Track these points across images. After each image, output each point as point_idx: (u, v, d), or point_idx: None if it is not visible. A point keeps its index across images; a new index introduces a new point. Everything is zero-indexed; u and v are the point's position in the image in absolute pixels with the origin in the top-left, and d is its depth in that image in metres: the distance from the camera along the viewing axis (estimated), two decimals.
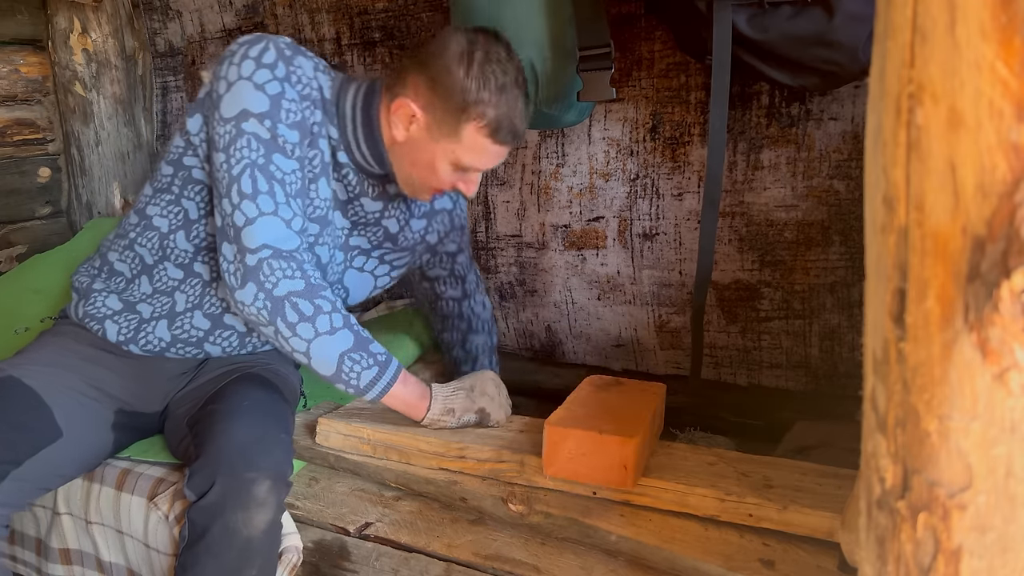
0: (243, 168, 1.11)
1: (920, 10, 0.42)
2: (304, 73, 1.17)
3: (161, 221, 1.24)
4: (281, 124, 1.13)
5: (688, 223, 1.59)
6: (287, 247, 1.11)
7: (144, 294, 1.25)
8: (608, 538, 1.06)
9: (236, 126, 1.11)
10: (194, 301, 1.25)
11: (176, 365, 1.29)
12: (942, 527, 0.47)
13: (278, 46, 1.15)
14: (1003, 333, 0.41)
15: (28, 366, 1.19)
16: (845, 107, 1.40)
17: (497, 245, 1.82)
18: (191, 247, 1.23)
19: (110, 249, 1.30)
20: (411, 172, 1.23)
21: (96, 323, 1.25)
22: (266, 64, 1.13)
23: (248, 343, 1.31)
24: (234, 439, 1.07)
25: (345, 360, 1.12)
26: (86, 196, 2.13)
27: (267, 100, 1.12)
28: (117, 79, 2.10)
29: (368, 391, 1.15)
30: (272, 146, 1.12)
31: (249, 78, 1.12)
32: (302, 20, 1.91)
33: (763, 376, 1.62)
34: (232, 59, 1.14)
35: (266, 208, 1.11)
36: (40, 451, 1.11)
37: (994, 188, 0.41)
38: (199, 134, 1.19)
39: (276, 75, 1.13)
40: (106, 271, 1.29)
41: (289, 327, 1.10)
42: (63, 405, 1.16)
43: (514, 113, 1.16)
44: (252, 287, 1.10)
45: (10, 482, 1.06)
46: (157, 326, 1.25)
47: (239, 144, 1.11)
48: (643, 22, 1.54)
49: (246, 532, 1.03)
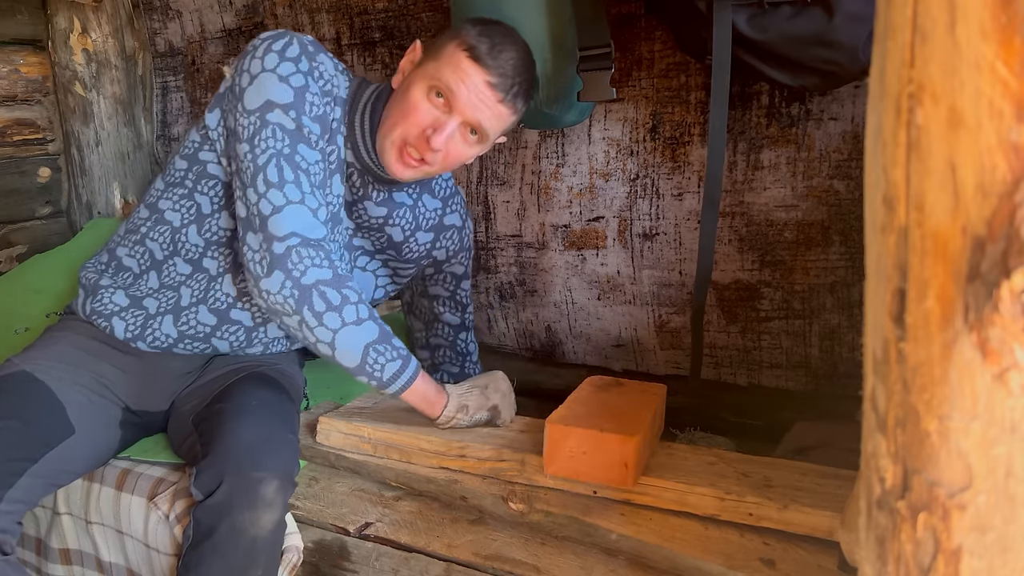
0: (269, 157, 1.11)
1: (920, 10, 0.42)
2: (326, 70, 1.18)
3: (173, 215, 1.24)
4: (305, 116, 1.14)
5: (688, 223, 1.59)
6: (315, 236, 1.11)
7: (151, 288, 1.26)
8: (608, 537, 1.06)
9: (261, 117, 1.12)
10: (199, 296, 1.25)
11: (183, 363, 1.29)
12: (942, 527, 0.47)
13: (302, 42, 1.16)
14: (1003, 333, 0.41)
15: (40, 361, 1.19)
16: (845, 107, 1.40)
17: (497, 245, 1.82)
18: (202, 241, 1.23)
19: (119, 244, 1.30)
20: (387, 121, 1.18)
21: (103, 320, 1.25)
22: (290, 58, 1.14)
23: (255, 340, 1.30)
24: (242, 439, 1.07)
25: (370, 352, 1.12)
26: (86, 196, 2.13)
27: (291, 92, 1.13)
28: (117, 79, 2.10)
29: (391, 384, 1.14)
30: (297, 136, 1.13)
31: (273, 70, 1.13)
32: (302, 20, 1.91)
33: (763, 376, 1.62)
34: (255, 53, 1.15)
35: (293, 197, 1.11)
36: (54, 448, 1.11)
37: (994, 188, 0.41)
38: (217, 128, 1.20)
39: (300, 68, 1.14)
40: (114, 266, 1.29)
41: (316, 316, 1.10)
42: (75, 402, 1.17)
43: (498, 47, 1.14)
44: (279, 275, 1.09)
45: (27, 478, 1.07)
46: (163, 321, 1.25)
47: (264, 134, 1.12)
48: (643, 22, 1.54)
49: (253, 532, 1.03)
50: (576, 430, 1.10)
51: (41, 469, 1.09)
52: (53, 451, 1.11)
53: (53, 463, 1.11)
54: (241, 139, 1.14)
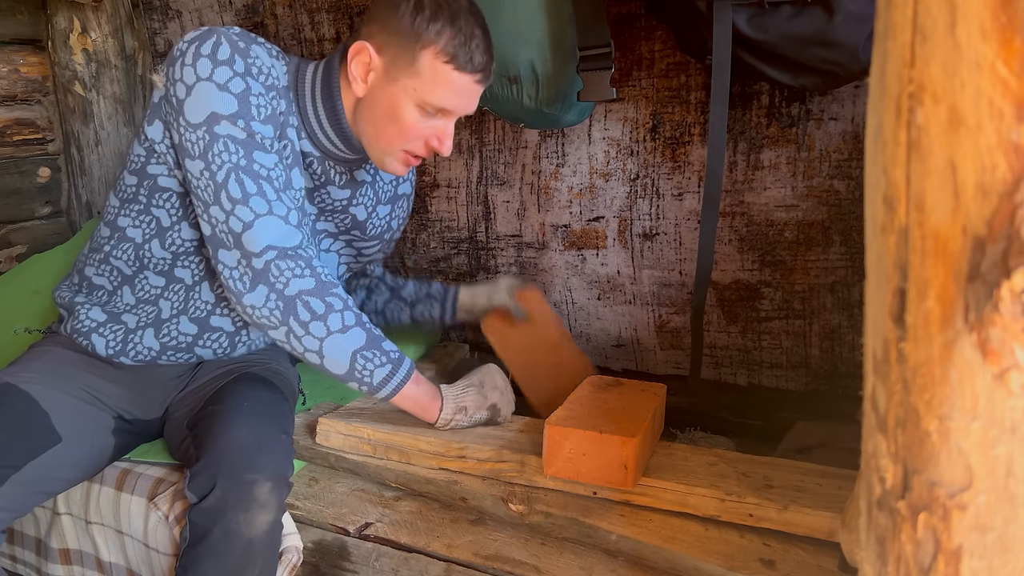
0: (227, 173, 1.08)
1: (920, 10, 0.42)
2: (263, 63, 1.13)
3: (135, 232, 1.21)
4: (254, 121, 1.10)
5: (688, 223, 1.59)
6: (290, 244, 1.10)
7: (128, 304, 1.24)
8: (608, 538, 1.06)
9: (208, 131, 1.08)
10: (179, 307, 1.23)
11: (170, 370, 1.29)
12: (942, 527, 0.47)
13: (230, 38, 1.10)
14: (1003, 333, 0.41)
15: (23, 373, 1.18)
16: (845, 107, 1.40)
17: (497, 245, 1.82)
18: (168, 254, 1.21)
19: (86, 264, 1.28)
20: (377, 134, 1.16)
21: (83, 338, 1.23)
22: (223, 61, 1.08)
23: (239, 343, 1.30)
24: (234, 441, 1.07)
25: (358, 358, 1.11)
26: (86, 196, 2.13)
27: (234, 100, 1.08)
28: (117, 79, 2.10)
29: (380, 389, 1.14)
30: (251, 144, 1.09)
31: (209, 78, 1.07)
32: (302, 20, 1.91)
33: (763, 376, 1.62)
34: (184, 59, 1.09)
35: (260, 209, 1.09)
36: (39, 456, 1.10)
37: (994, 188, 0.41)
38: (163, 142, 1.15)
39: (236, 71, 1.08)
40: (85, 286, 1.27)
41: (302, 326, 1.09)
42: (61, 411, 1.15)
43: (471, 38, 1.10)
44: (263, 289, 1.09)
45: (10, 486, 1.06)
46: (144, 335, 1.23)
47: (216, 149, 1.08)
48: (643, 22, 1.54)
49: (247, 533, 1.03)
50: (576, 431, 1.10)
51: (25, 476, 1.07)
52: (38, 459, 1.09)
53: (39, 471, 1.09)
54: (192, 156, 1.09)
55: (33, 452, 1.10)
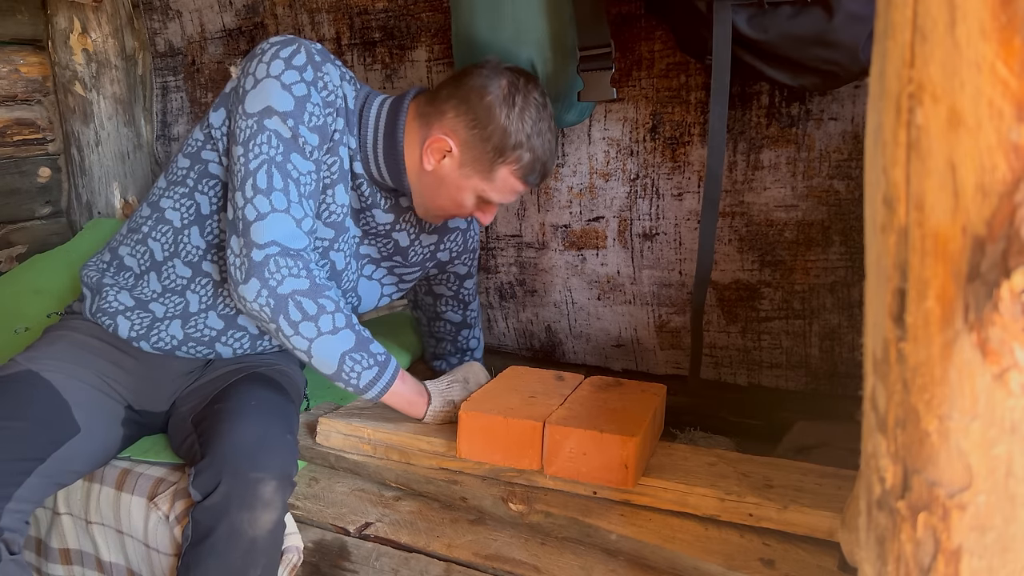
0: (260, 163, 1.11)
1: (920, 10, 0.42)
2: (331, 80, 1.17)
3: (173, 214, 1.24)
4: (303, 126, 1.13)
5: (688, 223, 1.59)
6: (295, 246, 1.12)
7: (155, 292, 1.25)
8: (608, 537, 1.06)
9: (258, 122, 1.12)
10: (207, 302, 1.25)
11: (184, 364, 1.29)
12: (942, 527, 0.47)
13: (309, 50, 1.16)
14: (1003, 333, 0.41)
15: (44, 360, 1.20)
16: (845, 107, 1.40)
17: (497, 245, 1.82)
18: (203, 243, 1.23)
19: (121, 243, 1.30)
20: (432, 201, 1.26)
21: (108, 318, 1.25)
22: (295, 66, 1.14)
23: (259, 344, 1.31)
24: (240, 439, 1.07)
25: (346, 360, 1.13)
26: (86, 196, 2.13)
27: (292, 100, 1.13)
28: (117, 79, 2.10)
29: (368, 390, 1.16)
30: (291, 145, 1.13)
31: (277, 77, 1.13)
32: (302, 20, 1.91)
33: (763, 376, 1.62)
34: (262, 57, 1.15)
35: (279, 205, 1.11)
36: (61, 447, 1.12)
37: (994, 188, 0.41)
38: (221, 127, 1.20)
39: (304, 78, 1.14)
40: (115, 266, 1.29)
41: (292, 325, 1.11)
42: (79, 400, 1.17)
43: (547, 157, 1.22)
44: (256, 283, 1.10)
45: (35, 478, 1.08)
46: (171, 325, 1.25)
47: (259, 139, 1.12)
48: (643, 22, 1.54)
49: (251, 532, 1.03)
50: (576, 431, 1.10)
51: (48, 468, 1.10)
52: (60, 450, 1.11)
53: (59, 462, 1.12)
54: (237, 141, 1.14)
55: (57, 443, 1.12)
